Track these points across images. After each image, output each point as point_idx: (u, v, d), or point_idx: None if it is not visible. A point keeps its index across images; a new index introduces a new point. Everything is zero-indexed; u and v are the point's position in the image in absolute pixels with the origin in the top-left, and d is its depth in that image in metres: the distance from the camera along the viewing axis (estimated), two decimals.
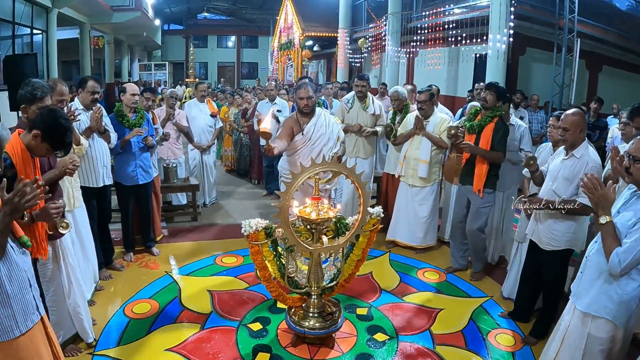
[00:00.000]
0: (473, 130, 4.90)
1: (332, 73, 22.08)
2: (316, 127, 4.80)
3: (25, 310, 2.36)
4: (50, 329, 2.62)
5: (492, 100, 4.78)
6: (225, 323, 4.27)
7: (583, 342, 2.84)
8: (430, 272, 5.44)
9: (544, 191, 3.85)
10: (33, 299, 2.43)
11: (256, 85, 21.05)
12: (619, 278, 2.64)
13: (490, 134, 4.78)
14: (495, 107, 4.82)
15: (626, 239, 2.55)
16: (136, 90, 5.19)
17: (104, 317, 4.28)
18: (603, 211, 2.63)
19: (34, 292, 2.45)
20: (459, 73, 12.98)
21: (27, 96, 3.21)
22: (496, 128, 4.78)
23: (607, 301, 2.72)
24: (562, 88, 9.86)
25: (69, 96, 4.18)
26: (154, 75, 26.38)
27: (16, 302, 2.31)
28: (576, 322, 2.89)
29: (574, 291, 2.95)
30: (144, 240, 5.67)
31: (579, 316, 2.87)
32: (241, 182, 9.67)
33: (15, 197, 2.17)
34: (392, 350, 3.96)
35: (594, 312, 2.77)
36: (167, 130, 6.47)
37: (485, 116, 4.85)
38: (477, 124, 4.87)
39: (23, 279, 2.36)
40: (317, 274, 3.82)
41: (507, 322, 4.40)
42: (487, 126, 4.81)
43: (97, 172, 4.68)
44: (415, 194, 5.81)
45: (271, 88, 8.49)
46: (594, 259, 2.79)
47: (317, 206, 3.57)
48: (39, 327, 2.48)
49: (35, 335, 2.43)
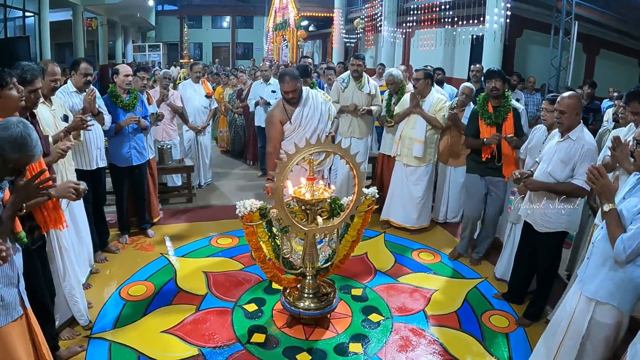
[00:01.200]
0: (493, 123, 4.81)
1: (327, 53, 21.96)
2: (303, 113, 4.69)
3: (9, 304, 2.35)
4: (35, 322, 2.59)
5: (502, 86, 4.74)
6: (221, 304, 4.28)
7: (585, 328, 2.85)
8: (425, 252, 5.45)
9: (538, 173, 3.85)
10: (18, 293, 2.42)
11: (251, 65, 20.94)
12: (624, 265, 2.63)
13: (512, 123, 4.76)
14: (505, 93, 4.80)
15: (631, 226, 2.54)
16: (129, 71, 5.13)
17: (100, 299, 4.28)
18: (606, 199, 2.63)
19: (20, 287, 2.44)
20: (455, 54, 12.92)
21: (17, 79, 3.16)
22: (515, 115, 4.77)
23: (613, 287, 2.71)
24: (559, 71, 9.82)
25: (61, 77, 4.14)
26: (148, 57, 26.13)
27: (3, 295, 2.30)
28: (582, 308, 2.88)
29: (580, 277, 2.94)
30: (139, 222, 5.66)
31: (585, 302, 2.86)
32: (236, 163, 9.64)
33: (32, 183, 2.19)
34: (386, 331, 3.98)
35: (600, 298, 2.77)
36: (162, 111, 6.41)
37: (503, 105, 4.78)
38: (498, 117, 4.79)
39: (13, 274, 2.36)
40: (312, 255, 3.82)
41: (501, 304, 4.43)
42: (508, 115, 4.78)
43: (90, 154, 4.65)
44: (410, 173, 5.81)
45: (265, 69, 8.42)
46: (600, 245, 2.78)
47: (311, 187, 3.55)
48: (21, 322, 2.46)
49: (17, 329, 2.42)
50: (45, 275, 3.20)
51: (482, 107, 4.90)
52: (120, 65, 5.25)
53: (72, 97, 4.54)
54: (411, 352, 3.73)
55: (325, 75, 8.66)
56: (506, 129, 4.78)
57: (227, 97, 9.88)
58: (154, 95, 6.58)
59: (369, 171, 7.47)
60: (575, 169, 3.59)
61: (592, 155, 3.56)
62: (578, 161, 3.57)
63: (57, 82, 3.94)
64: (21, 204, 2.24)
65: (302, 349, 3.72)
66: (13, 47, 8.46)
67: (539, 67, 10.96)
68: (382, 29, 15.36)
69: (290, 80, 4.52)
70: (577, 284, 2.97)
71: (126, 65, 5.41)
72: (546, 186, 3.74)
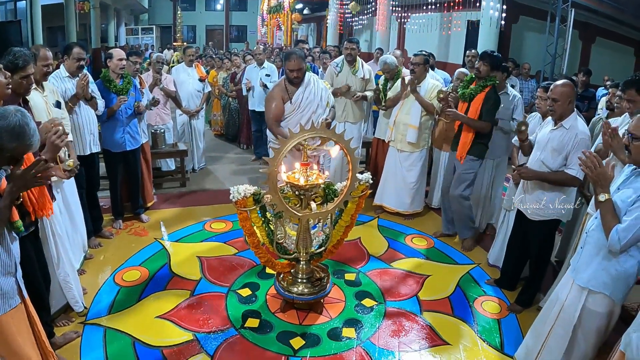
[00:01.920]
0: (464, 98, 4.90)
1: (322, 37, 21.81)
2: (304, 95, 4.73)
3: (7, 293, 2.36)
4: (33, 310, 2.61)
5: (486, 70, 4.76)
6: (215, 289, 4.30)
7: (577, 316, 2.89)
8: (418, 238, 5.48)
9: (532, 161, 3.86)
10: (16, 282, 2.43)
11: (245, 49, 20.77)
12: (618, 255, 2.66)
13: (479, 103, 4.77)
14: (488, 77, 4.80)
15: (626, 217, 2.55)
16: (123, 56, 5.09)
17: (94, 285, 4.29)
18: (602, 189, 2.63)
19: (17, 276, 2.45)
20: (450, 39, 12.86)
21: (9, 66, 3.10)
22: (486, 98, 4.76)
23: (606, 277, 2.74)
24: (555, 58, 9.79)
25: (53, 61, 4.10)
26: (141, 40, 25.87)
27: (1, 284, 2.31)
28: (574, 297, 2.92)
29: (573, 266, 2.97)
30: (133, 207, 5.65)
31: (577, 291, 2.89)
32: (230, 147, 9.61)
33: (31, 172, 2.18)
34: (379, 316, 4.01)
35: (593, 287, 2.80)
36: (154, 95, 6.37)
37: (478, 85, 4.83)
38: (468, 92, 4.86)
39: (11, 263, 2.37)
40: (306, 240, 3.83)
41: (493, 290, 4.47)
42: (478, 95, 4.80)
43: (84, 140, 4.63)
44: (404, 159, 5.81)
45: (259, 52, 8.35)
46: (593, 235, 2.80)
47: (305, 172, 3.55)
48: (20, 309, 2.47)
49: (16, 318, 2.43)
50: (40, 262, 3.19)
51: (465, 85, 5.01)
52: (113, 50, 5.20)
53: (65, 82, 4.50)
54: (404, 337, 3.76)
55: (320, 59, 8.62)
56: (471, 108, 4.83)
57: (221, 81, 9.82)
58: (146, 79, 6.53)
59: (363, 155, 7.48)
60: (568, 158, 3.59)
61: (586, 144, 3.56)
62: (571, 150, 3.57)
63: (50, 67, 3.91)
64: (18, 193, 2.24)
65: (295, 333, 3.75)
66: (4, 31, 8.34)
67: (535, 53, 10.92)
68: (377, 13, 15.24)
69: (296, 59, 4.60)
70: (570, 273, 2.99)
71: (120, 49, 5.35)
72: (539, 175, 3.74)
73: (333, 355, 3.55)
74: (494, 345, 3.72)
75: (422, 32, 12.77)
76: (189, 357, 3.45)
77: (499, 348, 3.70)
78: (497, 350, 3.67)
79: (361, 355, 3.56)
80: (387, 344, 3.68)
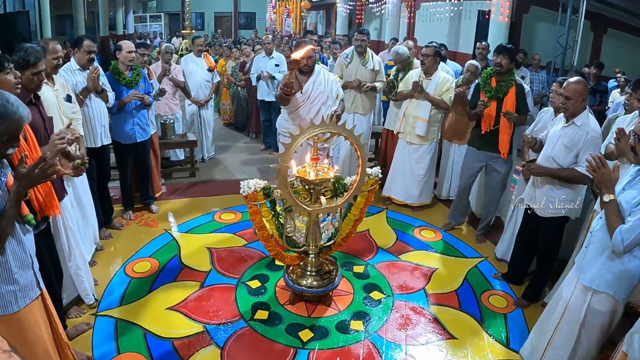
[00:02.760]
0: (497, 96, 4.82)
1: (331, 24, 21.68)
2: (315, 85, 4.75)
3: (26, 287, 2.39)
4: (50, 303, 2.65)
5: (507, 63, 4.72)
6: (225, 281, 4.34)
7: (582, 315, 2.90)
8: (426, 230, 5.49)
9: (542, 157, 3.84)
10: (34, 275, 2.47)
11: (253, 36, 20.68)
12: (622, 255, 2.67)
13: (514, 98, 4.75)
14: (510, 69, 4.78)
15: (630, 217, 2.56)
16: (132, 47, 5.10)
17: (105, 277, 4.34)
18: (606, 189, 2.64)
19: (34, 268, 2.48)
20: (461, 29, 12.72)
21: (20, 62, 3.10)
22: (518, 91, 4.76)
23: (610, 277, 2.75)
24: (566, 49, 9.69)
25: (62, 52, 4.11)
26: (149, 27, 25.78)
27: (19, 279, 2.34)
28: (578, 296, 2.93)
29: (577, 264, 2.98)
30: (142, 197, 5.68)
31: (581, 290, 2.91)
32: (239, 136, 9.63)
33: (35, 170, 2.18)
34: (387, 309, 4.04)
35: (596, 286, 2.81)
36: (164, 86, 6.39)
37: (506, 80, 4.78)
38: (501, 90, 4.79)
39: (26, 257, 2.39)
40: (315, 234, 3.86)
41: (500, 284, 4.48)
42: (510, 90, 4.77)
43: (95, 132, 4.65)
44: (413, 151, 5.81)
45: (268, 42, 8.32)
46: (598, 234, 2.81)
47: (315, 166, 3.57)
48: (38, 302, 2.51)
49: (34, 311, 2.47)
50: (51, 256, 3.23)
51: (485, 81, 4.91)
52: (122, 42, 5.20)
53: (76, 75, 4.51)
54: (411, 331, 3.79)
55: (330, 49, 8.58)
56: (506, 104, 4.77)
57: (229, 70, 9.82)
58: (155, 70, 6.55)
59: (372, 146, 7.47)
60: (579, 155, 3.58)
61: (596, 143, 3.55)
62: (582, 148, 3.55)
63: (59, 60, 3.93)
64: (25, 191, 2.24)
65: (304, 325, 3.79)
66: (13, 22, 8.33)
67: (545, 44, 10.78)
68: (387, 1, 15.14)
69: (308, 46, 4.63)
70: (574, 272, 3.01)
71: (129, 41, 5.35)
72: (549, 172, 3.74)
73: (341, 347, 3.58)
74: (500, 340, 3.74)
75: (432, 22, 12.68)
76: (200, 348, 3.50)
77: (505, 343, 3.72)
78: (502, 345, 3.69)
79: (369, 348, 3.59)
80: (394, 337, 3.71)
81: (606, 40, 10.66)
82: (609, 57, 9.71)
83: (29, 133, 2.90)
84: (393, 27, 15.47)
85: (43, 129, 3.21)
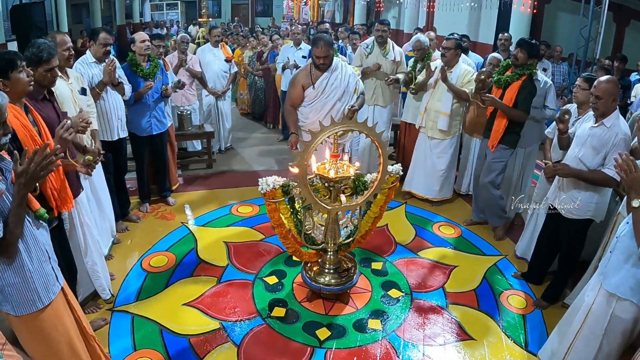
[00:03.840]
0: (500, 84, 4.79)
1: (349, 12, 21.47)
2: (329, 81, 4.65)
3: (46, 283, 2.38)
4: (71, 296, 2.66)
5: (523, 58, 4.63)
6: (242, 276, 4.32)
7: (606, 322, 2.82)
8: (445, 226, 5.42)
9: (569, 158, 3.74)
10: (52, 270, 2.45)
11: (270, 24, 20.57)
12: None
13: (515, 92, 4.66)
14: (525, 64, 4.67)
15: None
16: (145, 37, 5.07)
17: (122, 271, 4.33)
18: (636, 194, 2.51)
19: (52, 263, 2.46)
20: (481, 19, 12.50)
21: (33, 59, 3.07)
22: (522, 86, 4.65)
23: (634, 284, 2.67)
24: (588, 41, 9.47)
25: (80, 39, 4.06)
26: (166, 15, 25.75)
27: (37, 277, 2.32)
28: (601, 302, 2.85)
29: (601, 270, 2.89)
30: (159, 190, 5.67)
31: (604, 296, 2.83)
32: (256, 126, 9.58)
33: (30, 166, 2.11)
34: (405, 307, 3.99)
35: (621, 294, 2.72)
36: (180, 76, 6.35)
37: (514, 73, 4.71)
38: (504, 79, 4.75)
39: (42, 252, 2.37)
40: (334, 231, 3.80)
41: (519, 283, 4.40)
42: (514, 83, 4.69)
43: (111, 125, 4.63)
44: (434, 146, 5.72)
45: (298, 32, 8.16)
46: (624, 240, 2.71)
47: (335, 164, 3.50)
48: (60, 296, 2.50)
49: (58, 306, 2.47)
50: (63, 252, 3.22)
51: (501, 72, 4.88)
52: (135, 34, 5.18)
53: (92, 67, 4.48)
54: (429, 330, 3.75)
55: (350, 39, 8.46)
56: (505, 95, 4.72)
57: (246, 60, 9.75)
58: (172, 60, 6.51)
59: (391, 137, 7.39)
60: (607, 157, 3.46)
61: (626, 145, 3.43)
62: (610, 150, 3.44)
63: (71, 50, 3.86)
64: (27, 189, 2.17)
65: (321, 324, 3.75)
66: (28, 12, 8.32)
67: (567, 35, 10.56)
68: None
69: (324, 46, 4.49)
70: (598, 277, 2.92)
71: (141, 32, 5.33)
72: (575, 173, 3.63)
73: (358, 347, 3.54)
74: (518, 342, 3.67)
75: (452, 11, 12.47)
76: (216, 346, 3.48)
77: (523, 345, 3.65)
78: (521, 348, 3.62)
79: (386, 348, 3.55)
80: (412, 337, 3.67)
81: (628, 32, 10.41)
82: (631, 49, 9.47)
83: (43, 128, 2.88)
84: (412, 16, 15.30)
85: (57, 124, 3.17)
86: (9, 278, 2.25)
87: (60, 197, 2.87)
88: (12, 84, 2.73)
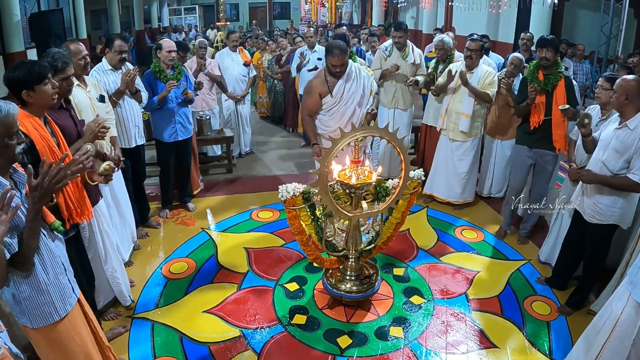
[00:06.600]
0: (547, 88, 4.59)
1: (367, 13, 21.42)
2: (346, 87, 4.58)
3: (63, 295, 2.38)
4: (87, 306, 2.65)
5: (553, 56, 4.51)
6: (262, 283, 4.29)
7: (635, 333, 2.73)
8: (468, 230, 5.33)
9: (593, 162, 3.63)
10: (68, 281, 2.45)
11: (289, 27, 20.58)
12: None
13: (564, 92, 4.54)
14: (556, 62, 4.57)
15: None
16: (172, 47, 5.06)
17: (142, 277, 4.34)
18: None
19: (68, 274, 2.45)
20: (500, 17, 12.34)
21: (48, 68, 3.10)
22: (567, 84, 4.55)
23: None
24: (609, 38, 9.28)
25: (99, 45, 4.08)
26: (184, 20, 25.92)
27: (53, 289, 2.32)
28: (629, 312, 2.76)
29: (630, 279, 2.80)
30: (180, 195, 5.68)
31: (634, 306, 2.74)
32: (276, 129, 9.56)
33: (44, 180, 2.09)
34: (427, 315, 3.93)
35: None
36: (200, 80, 6.35)
37: (555, 73, 4.56)
38: (551, 83, 4.58)
39: (58, 265, 2.36)
40: (355, 238, 3.76)
41: (543, 289, 4.31)
42: (560, 83, 4.55)
43: (129, 133, 4.64)
44: (456, 148, 5.64)
45: (310, 35, 8.15)
46: None
47: (357, 170, 3.44)
48: (77, 308, 2.50)
49: (75, 317, 2.47)
50: (81, 260, 3.21)
51: (532, 75, 4.69)
52: (163, 41, 5.18)
53: (108, 75, 4.49)
54: (451, 338, 3.68)
55: (369, 42, 8.41)
56: (557, 97, 4.55)
57: (265, 63, 9.76)
58: (190, 65, 6.53)
59: (412, 140, 7.33)
60: (632, 162, 3.36)
61: None
62: (634, 154, 3.33)
63: (87, 58, 3.87)
64: (41, 204, 2.14)
65: (343, 331, 3.71)
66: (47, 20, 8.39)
67: (587, 33, 10.40)
68: None
69: (340, 54, 4.41)
70: (627, 286, 2.82)
71: (169, 40, 5.33)
72: (601, 179, 3.52)
73: (380, 355, 3.50)
74: (542, 350, 3.59)
75: (470, 10, 12.34)
76: (236, 354, 3.46)
77: (548, 353, 3.57)
78: (545, 356, 3.54)
79: (408, 356, 3.49)
80: (434, 345, 3.61)
81: None
82: None
83: (61, 138, 2.88)
84: (431, 15, 15.18)
85: (75, 132, 3.22)
86: (25, 291, 2.24)
87: (79, 207, 2.87)
88: (37, 95, 2.74)
